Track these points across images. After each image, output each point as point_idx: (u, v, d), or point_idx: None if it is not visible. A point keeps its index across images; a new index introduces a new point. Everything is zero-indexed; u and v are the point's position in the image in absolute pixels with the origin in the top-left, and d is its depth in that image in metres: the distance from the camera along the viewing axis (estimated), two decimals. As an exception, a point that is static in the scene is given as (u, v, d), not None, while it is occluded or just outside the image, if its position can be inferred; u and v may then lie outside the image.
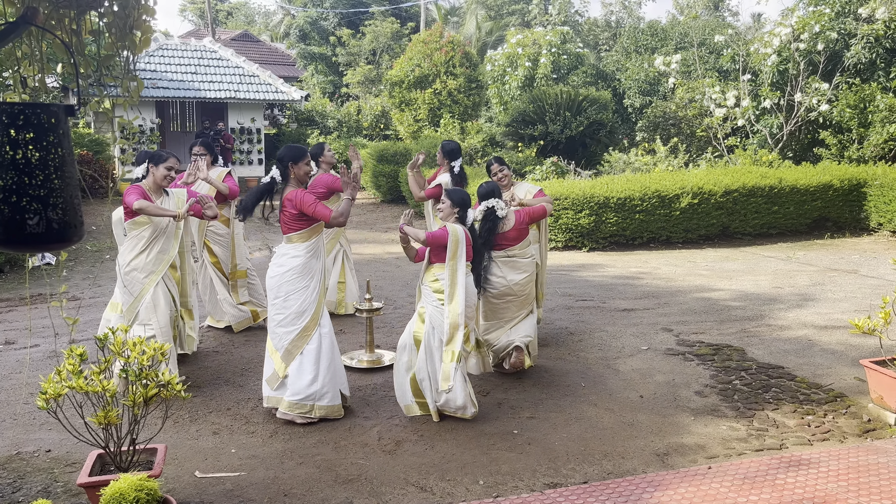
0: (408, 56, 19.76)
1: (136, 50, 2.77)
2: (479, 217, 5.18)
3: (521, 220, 5.44)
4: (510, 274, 5.37)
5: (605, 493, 3.78)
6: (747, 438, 4.48)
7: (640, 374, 5.62)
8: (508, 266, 5.39)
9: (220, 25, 41.97)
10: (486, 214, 5.23)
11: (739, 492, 3.73)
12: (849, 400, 5.07)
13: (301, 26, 31.63)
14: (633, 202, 11.32)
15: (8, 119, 2.16)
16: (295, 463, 4.17)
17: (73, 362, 3.45)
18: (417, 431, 4.60)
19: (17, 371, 5.79)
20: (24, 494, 3.81)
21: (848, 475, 3.91)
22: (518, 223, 5.41)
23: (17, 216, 2.16)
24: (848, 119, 14.24)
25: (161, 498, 3.26)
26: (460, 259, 4.63)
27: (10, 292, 8.62)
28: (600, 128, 17.01)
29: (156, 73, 18.62)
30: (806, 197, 12.19)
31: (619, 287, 8.71)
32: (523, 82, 19.80)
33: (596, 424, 4.70)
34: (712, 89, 15.87)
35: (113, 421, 3.48)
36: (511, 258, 5.39)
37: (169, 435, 4.48)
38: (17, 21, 2.46)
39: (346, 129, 22.48)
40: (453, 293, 4.58)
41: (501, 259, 5.39)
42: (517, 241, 5.41)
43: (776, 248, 11.51)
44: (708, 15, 27.43)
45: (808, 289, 8.47)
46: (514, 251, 5.40)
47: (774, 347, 6.25)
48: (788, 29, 14.94)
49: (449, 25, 31.40)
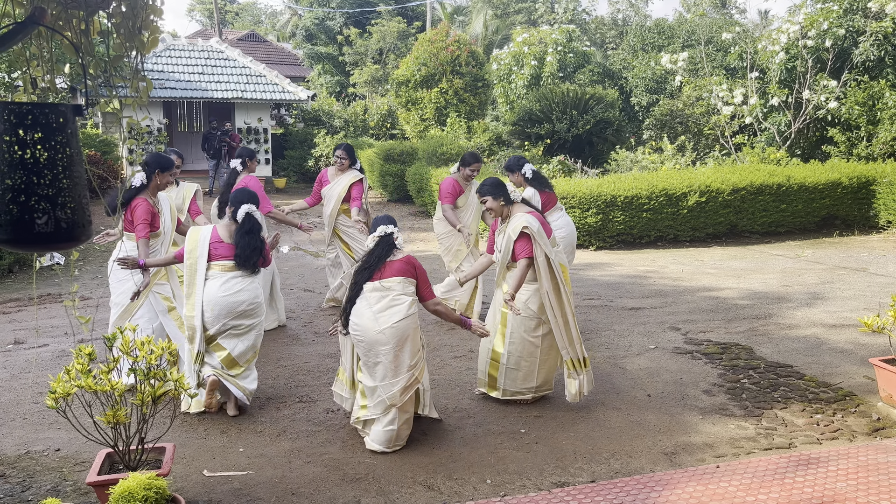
0: (414, 55, 19.75)
1: (145, 50, 2.78)
2: (370, 244, 4.42)
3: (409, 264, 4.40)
4: (380, 315, 4.23)
5: (612, 491, 3.77)
6: (756, 437, 4.46)
7: (647, 373, 5.61)
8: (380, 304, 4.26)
9: (227, 26, 42.08)
10: (379, 241, 4.40)
11: (748, 491, 3.72)
12: (858, 399, 5.04)
13: (307, 26, 31.67)
14: (640, 201, 11.29)
15: (16, 119, 2.17)
16: (302, 462, 4.18)
17: (81, 361, 3.46)
18: (424, 431, 4.60)
19: (26, 371, 5.82)
20: (34, 493, 3.83)
21: (857, 474, 3.89)
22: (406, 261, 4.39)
23: (25, 216, 2.17)
24: (856, 116, 14.17)
25: (170, 496, 3.27)
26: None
27: (19, 292, 8.67)
28: (607, 126, 16.97)
29: (163, 73, 18.68)
30: (814, 195, 12.13)
31: (627, 286, 8.69)
32: (530, 81, 19.78)
33: (603, 423, 4.69)
34: (720, 87, 15.81)
35: (122, 420, 3.49)
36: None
37: (177, 434, 4.49)
38: (24, 21, 2.47)
39: (352, 128, 22.49)
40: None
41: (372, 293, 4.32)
42: (400, 273, 4.35)
43: (784, 247, 11.46)
44: (715, 12, 27.34)
45: (817, 287, 8.43)
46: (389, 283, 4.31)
47: (783, 346, 6.22)
48: (796, 26, 14.87)
49: (455, 24, 31.39)
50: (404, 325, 4.20)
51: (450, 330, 6.80)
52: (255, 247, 4.76)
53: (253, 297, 4.75)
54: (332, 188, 7.33)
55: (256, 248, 4.76)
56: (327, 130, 20.87)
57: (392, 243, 4.37)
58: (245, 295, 4.71)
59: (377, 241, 4.39)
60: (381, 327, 4.17)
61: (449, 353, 6.09)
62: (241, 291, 4.70)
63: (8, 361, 6.07)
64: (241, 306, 4.69)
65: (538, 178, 6.28)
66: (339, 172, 7.37)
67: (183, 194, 6.17)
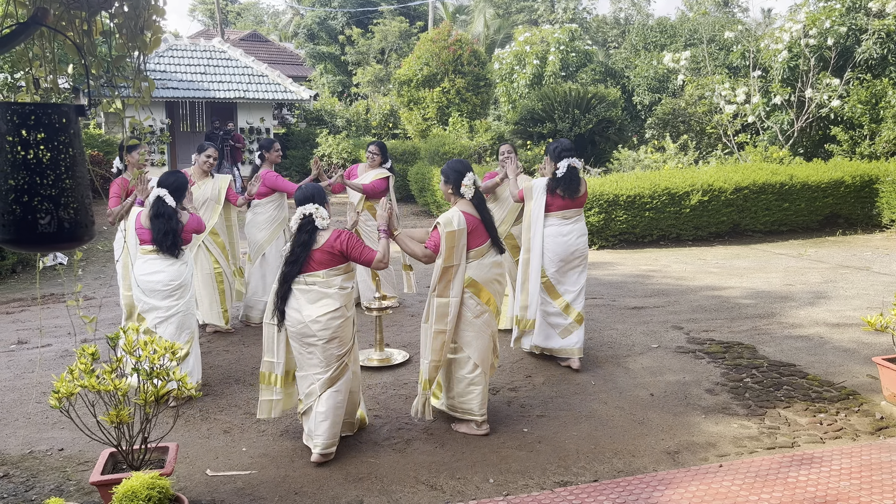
0: (416, 55, 19.75)
1: (147, 50, 2.78)
2: (293, 227, 4.22)
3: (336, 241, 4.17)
4: (306, 307, 4.12)
5: (615, 491, 3.77)
6: (759, 436, 4.46)
7: (650, 372, 5.60)
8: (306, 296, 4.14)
9: (229, 26, 42.10)
10: (301, 224, 4.19)
11: (751, 490, 3.72)
12: (861, 398, 5.04)
13: (309, 26, 31.70)
14: (642, 200, 11.28)
15: (19, 119, 2.17)
16: (305, 461, 4.18)
17: (84, 361, 3.47)
18: (427, 430, 4.61)
19: (29, 370, 5.84)
20: (38, 493, 3.84)
21: (860, 473, 3.88)
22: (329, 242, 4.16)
23: (28, 216, 2.17)
24: (859, 115, 14.14)
25: (173, 496, 3.28)
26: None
27: (22, 292, 8.68)
28: (609, 125, 16.96)
29: (165, 73, 18.70)
30: (817, 194, 12.11)
31: (629, 285, 8.69)
32: (532, 80, 19.77)
33: (606, 423, 4.69)
34: (722, 86, 15.79)
35: (125, 419, 3.50)
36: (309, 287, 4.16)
37: (180, 434, 4.50)
38: (27, 22, 2.47)
39: (354, 128, 22.50)
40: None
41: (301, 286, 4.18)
42: (322, 265, 4.16)
43: (787, 246, 11.44)
44: (717, 11, 27.30)
45: (820, 286, 8.41)
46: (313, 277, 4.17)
47: (786, 345, 6.21)
48: (799, 24, 14.84)
49: (457, 24, 31.39)
50: (329, 318, 4.08)
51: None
52: (167, 230, 4.95)
53: (170, 279, 4.98)
54: (361, 182, 7.30)
55: (169, 231, 4.95)
56: (329, 130, 20.87)
57: (313, 227, 4.14)
58: (162, 276, 4.97)
59: (298, 225, 4.18)
60: (306, 320, 4.08)
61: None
62: (158, 272, 4.98)
63: (11, 361, 6.08)
64: (158, 286, 4.95)
65: (568, 181, 5.59)
66: (368, 169, 7.39)
67: (219, 185, 6.64)
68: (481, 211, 4.56)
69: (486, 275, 4.51)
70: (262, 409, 4.35)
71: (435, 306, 4.43)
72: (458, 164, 4.56)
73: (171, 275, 5.00)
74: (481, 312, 4.49)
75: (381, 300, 5.80)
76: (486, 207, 4.63)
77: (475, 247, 4.49)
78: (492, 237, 4.58)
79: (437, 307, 4.43)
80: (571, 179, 5.61)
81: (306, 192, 4.21)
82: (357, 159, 19.06)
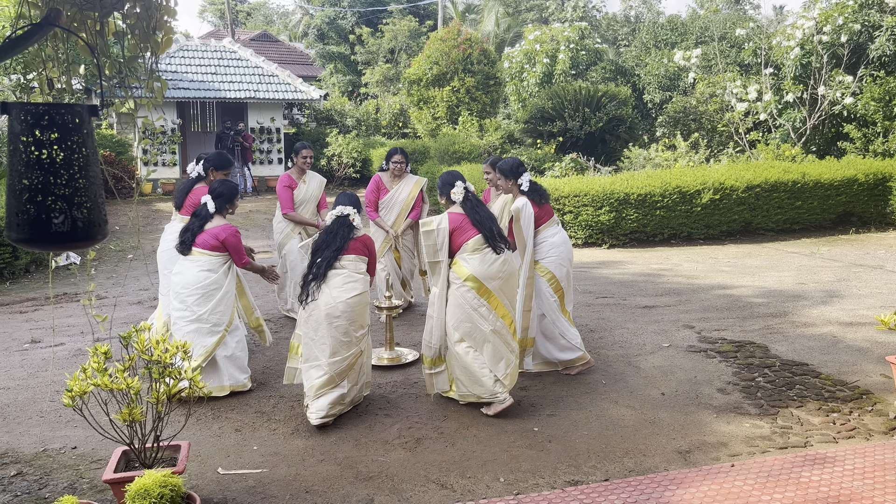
0: (426, 54, 19.76)
1: (159, 50, 2.80)
2: (327, 221, 4.85)
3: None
4: (336, 290, 4.62)
5: (626, 490, 3.75)
6: (771, 436, 4.43)
7: (661, 372, 5.58)
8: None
9: (240, 26, 42.27)
10: (339, 217, 4.80)
11: (763, 490, 3.70)
12: (875, 397, 5.00)
13: (319, 26, 31.77)
14: (653, 198, 11.24)
15: (33, 119, 2.19)
16: (316, 460, 4.19)
17: (97, 360, 3.49)
18: (438, 429, 4.61)
19: (43, 369, 5.88)
20: (51, 491, 3.87)
21: (874, 473, 3.85)
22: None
23: (42, 215, 2.19)
24: (873, 112, 14.02)
25: (185, 494, 3.30)
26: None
27: (35, 292, 8.75)
28: (620, 124, 16.91)
29: (176, 73, 18.79)
30: (830, 192, 12.02)
31: (640, 284, 8.66)
32: (541, 79, 19.73)
33: (617, 422, 4.68)
34: (733, 83, 15.70)
35: (137, 418, 3.52)
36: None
37: (192, 432, 4.52)
38: (40, 23, 2.49)
39: (364, 127, 22.54)
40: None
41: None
42: (353, 251, 4.78)
43: (799, 244, 11.36)
44: (728, 8, 27.16)
45: (833, 285, 8.35)
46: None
47: (798, 344, 6.17)
48: (811, 21, 14.74)
49: (467, 23, 31.37)
50: (356, 300, 4.60)
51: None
52: (186, 227, 5.21)
53: (187, 282, 5.09)
54: (396, 195, 6.97)
55: (187, 229, 5.19)
56: (339, 130, 20.93)
57: (350, 224, 4.74)
58: (178, 278, 5.13)
59: (334, 219, 4.76)
60: (334, 301, 4.54)
61: (462, 352, 6.08)
62: (178, 274, 5.17)
63: (25, 360, 6.13)
64: (177, 287, 5.14)
65: (536, 190, 5.52)
66: (393, 178, 7.02)
67: (320, 184, 7.02)
68: (470, 210, 4.84)
69: (486, 271, 4.72)
70: (288, 375, 4.91)
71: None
72: (448, 177, 5.00)
73: (189, 278, 5.04)
74: (479, 306, 4.73)
75: (390, 299, 5.81)
76: (478, 208, 4.88)
77: (464, 241, 4.77)
78: (484, 233, 4.76)
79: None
80: (537, 186, 5.58)
81: (351, 199, 4.85)
82: (367, 158, 19.09)
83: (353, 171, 19.11)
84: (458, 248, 4.79)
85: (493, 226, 4.82)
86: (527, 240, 5.41)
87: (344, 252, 4.67)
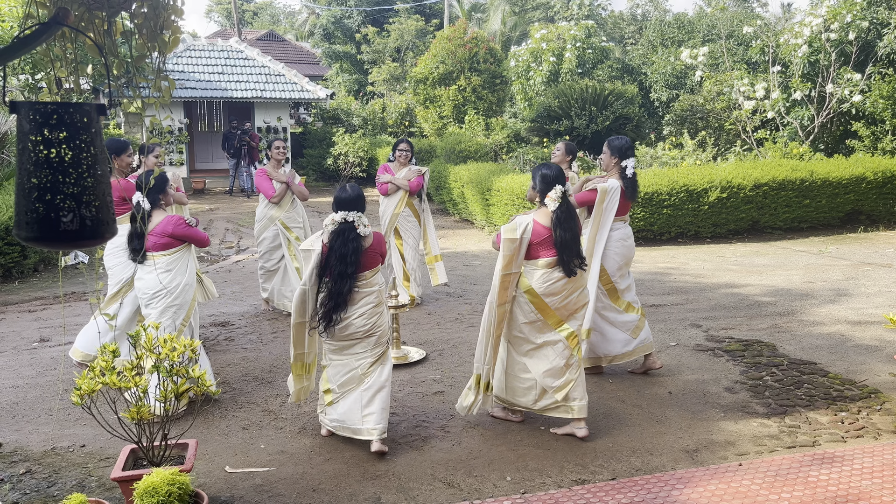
0: (432, 53, 19.75)
1: (166, 50, 2.81)
2: (330, 230, 4.28)
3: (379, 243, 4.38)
4: (349, 308, 4.25)
5: (633, 489, 3.75)
6: (779, 435, 4.41)
7: (668, 370, 5.57)
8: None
9: (246, 25, 42.36)
10: (343, 229, 4.24)
11: (771, 489, 3.68)
12: (883, 396, 4.97)
13: (325, 25, 31.79)
14: (660, 196, 11.21)
15: (42, 118, 2.20)
16: (323, 458, 4.20)
17: (106, 359, 3.51)
18: (444, 428, 4.61)
19: (51, 368, 5.91)
20: (60, 489, 3.89)
21: (882, 472, 3.83)
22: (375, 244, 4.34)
23: (51, 213, 2.20)
24: (881, 110, 13.94)
25: (192, 492, 3.31)
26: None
27: (44, 290, 8.79)
28: (627, 122, 16.86)
29: (183, 73, 18.84)
30: (838, 190, 11.96)
31: (647, 282, 8.63)
32: (548, 77, 19.69)
33: (624, 421, 4.67)
34: (741, 81, 15.62)
35: (145, 416, 3.53)
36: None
37: (199, 431, 4.54)
38: (48, 22, 2.50)
39: (370, 126, 22.55)
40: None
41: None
42: (366, 267, 4.30)
43: (808, 243, 11.31)
44: (736, 6, 27.06)
45: (841, 283, 8.31)
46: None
47: (806, 343, 6.15)
48: (819, 19, 14.65)
49: (473, 21, 31.34)
50: (370, 313, 4.26)
51: (469, 327, 6.80)
52: (130, 233, 4.88)
53: (147, 287, 4.85)
54: (397, 179, 7.50)
55: (132, 235, 4.85)
56: (346, 129, 20.94)
57: (357, 235, 4.20)
58: (139, 283, 4.93)
59: (339, 233, 4.19)
60: (350, 317, 4.21)
61: (467, 350, 6.08)
62: (139, 279, 4.96)
63: (34, 359, 6.16)
64: (139, 292, 4.96)
65: (633, 182, 5.41)
66: (401, 166, 7.57)
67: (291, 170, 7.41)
68: (557, 225, 4.31)
69: (549, 288, 4.35)
70: (300, 395, 4.53)
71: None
72: (546, 170, 4.40)
73: (148, 283, 4.83)
74: (534, 321, 4.40)
75: (396, 298, 5.81)
76: (566, 224, 4.33)
77: (536, 257, 4.36)
78: (561, 258, 4.32)
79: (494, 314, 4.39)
80: (636, 180, 5.44)
81: (351, 196, 4.23)
82: (373, 157, 19.11)
83: (359, 171, 19.12)
84: (529, 259, 4.39)
85: (573, 248, 4.34)
86: (602, 224, 5.20)
87: (359, 271, 4.21)
